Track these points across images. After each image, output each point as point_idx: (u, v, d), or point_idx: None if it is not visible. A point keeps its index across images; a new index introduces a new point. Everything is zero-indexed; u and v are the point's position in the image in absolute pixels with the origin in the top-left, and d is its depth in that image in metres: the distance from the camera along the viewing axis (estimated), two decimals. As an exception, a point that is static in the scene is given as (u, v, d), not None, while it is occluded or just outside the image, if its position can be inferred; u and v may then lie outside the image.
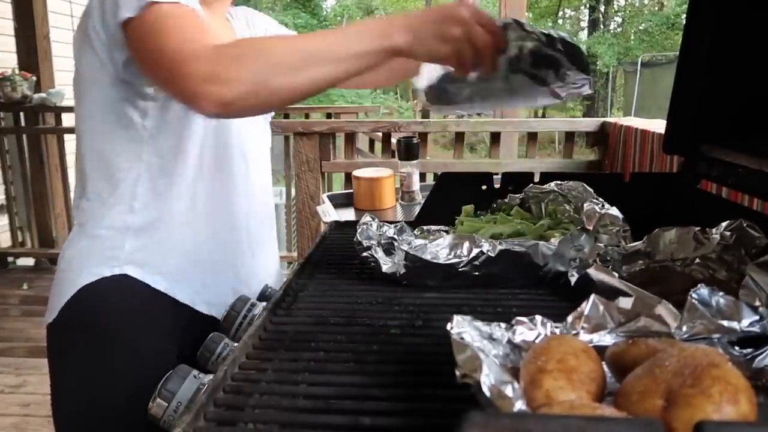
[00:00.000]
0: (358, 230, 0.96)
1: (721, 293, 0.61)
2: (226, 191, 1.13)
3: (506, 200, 1.16)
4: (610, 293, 0.68)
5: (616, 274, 0.76)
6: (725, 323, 0.59)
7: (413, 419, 0.54)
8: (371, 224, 0.98)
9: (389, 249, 0.94)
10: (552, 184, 1.10)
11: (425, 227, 1.09)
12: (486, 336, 0.59)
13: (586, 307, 0.64)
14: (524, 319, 0.63)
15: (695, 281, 0.81)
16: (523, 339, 0.61)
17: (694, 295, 0.61)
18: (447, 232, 1.08)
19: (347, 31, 0.92)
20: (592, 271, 0.78)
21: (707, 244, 0.84)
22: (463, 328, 0.59)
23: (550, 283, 0.90)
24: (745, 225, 0.83)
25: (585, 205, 0.96)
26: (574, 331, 0.63)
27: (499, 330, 0.61)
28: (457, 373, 0.53)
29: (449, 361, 0.54)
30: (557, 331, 0.63)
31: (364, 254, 0.95)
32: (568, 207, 1.05)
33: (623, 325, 0.63)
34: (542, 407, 0.49)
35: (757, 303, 0.61)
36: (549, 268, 0.90)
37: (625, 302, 0.64)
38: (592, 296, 0.64)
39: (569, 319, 0.64)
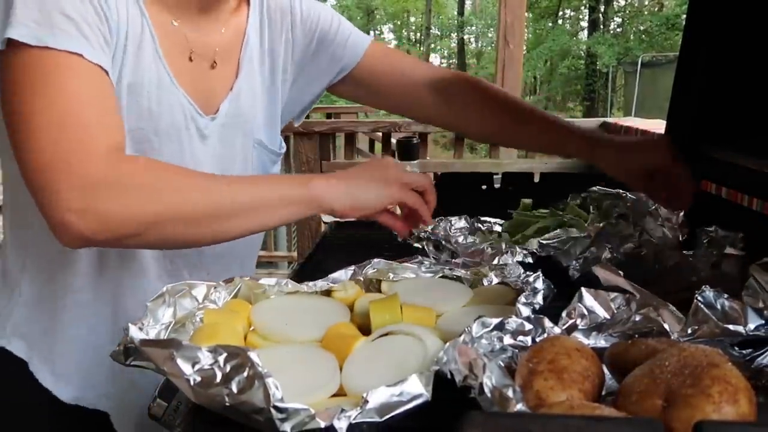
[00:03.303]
0: None
1: (725, 296, 0.61)
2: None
3: (568, 200, 1.16)
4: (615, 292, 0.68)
5: (621, 273, 0.76)
6: (731, 327, 0.59)
7: (413, 420, 0.54)
8: None
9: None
10: (619, 189, 1.10)
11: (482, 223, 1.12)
12: (489, 337, 0.59)
13: (576, 302, 0.64)
14: (526, 320, 0.63)
15: (696, 277, 0.81)
16: (525, 340, 0.61)
17: (699, 298, 0.61)
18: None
19: (267, 180, 0.86)
20: (597, 269, 0.78)
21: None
22: (465, 329, 0.59)
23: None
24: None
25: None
26: (574, 329, 0.63)
27: (501, 331, 0.61)
28: (458, 376, 0.53)
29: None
30: (557, 331, 0.63)
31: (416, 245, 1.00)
32: (625, 209, 1.04)
33: (623, 324, 0.63)
34: (535, 408, 0.49)
35: (761, 305, 0.61)
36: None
37: (622, 299, 0.65)
38: (582, 290, 0.64)
39: (563, 314, 0.64)
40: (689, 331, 0.60)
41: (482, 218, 1.12)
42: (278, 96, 1.05)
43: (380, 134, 3.61)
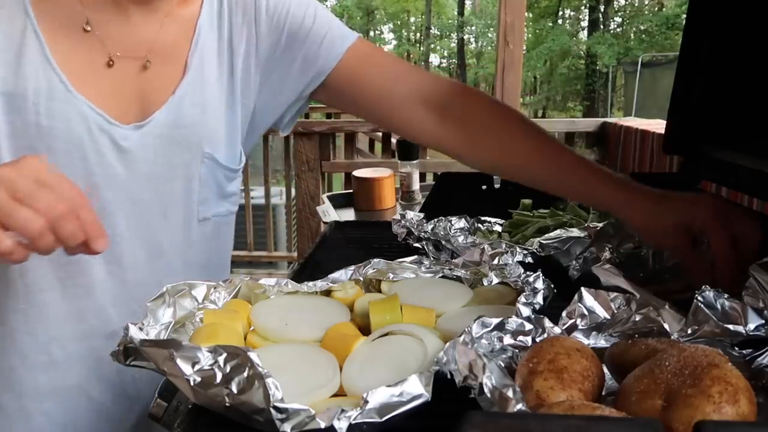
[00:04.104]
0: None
1: (725, 296, 0.61)
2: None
3: (568, 200, 1.16)
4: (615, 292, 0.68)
5: (621, 273, 0.76)
6: (731, 327, 0.59)
7: (413, 420, 0.54)
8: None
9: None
10: None
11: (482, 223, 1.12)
12: (489, 337, 0.59)
13: (576, 302, 0.64)
14: (526, 320, 0.63)
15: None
16: (525, 340, 0.61)
17: (699, 298, 0.61)
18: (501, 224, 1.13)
19: None
20: (597, 269, 0.78)
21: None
22: (465, 329, 0.59)
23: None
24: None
25: None
26: (574, 329, 0.63)
27: (501, 331, 0.61)
28: (458, 376, 0.53)
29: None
30: (557, 331, 0.63)
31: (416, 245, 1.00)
32: None
33: (623, 324, 0.63)
34: (535, 408, 0.49)
35: (761, 305, 0.61)
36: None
37: (622, 299, 0.65)
38: (582, 290, 0.64)
39: (563, 314, 0.64)
40: (689, 331, 0.60)
41: (482, 218, 1.12)
42: (238, 103, 0.91)
43: (380, 134, 3.62)
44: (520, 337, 0.61)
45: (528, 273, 0.77)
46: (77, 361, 0.85)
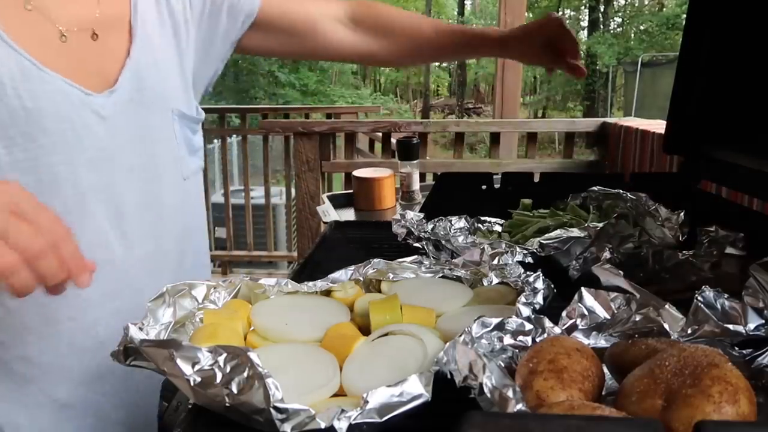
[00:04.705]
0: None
1: (725, 296, 0.61)
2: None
3: (568, 200, 1.16)
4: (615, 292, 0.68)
5: (621, 273, 0.76)
6: (731, 327, 0.59)
7: (413, 420, 0.54)
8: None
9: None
10: (619, 190, 1.09)
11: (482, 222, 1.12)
12: (489, 337, 0.59)
13: (576, 302, 0.64)
14: (526, 320, 0.63)
15: (696, 277, 0.81)
16: (525, 340, 0.61)
17: (699, 298, 0.61)
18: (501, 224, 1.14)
19: None
20: (597, 269, 0.78)
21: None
22: (465, 329, 0.59)
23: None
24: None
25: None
26: (574, 329, 0.63)
27: (501, 331, 0.61)
28: (458, 376, 0.53)
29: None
30: (557, 331, 0.63)
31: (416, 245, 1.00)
32: (625, 209, 1.04)
33: (623, 324, 0.63)
34: (535, 408, 0.49)
35: (761, 305, 0.61)
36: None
37: (622, 299, 0.65)
38: (582, 290, 0.64)
39: (563, 314, 0.64)
40: (689, 331, 0.60)
41: (482, 218, 1.12)
42: (185, 56, 0.96)
43: (380, 134, 3.61)
44: (520, 337, 0.61)
45: (528, 273, 0.77)
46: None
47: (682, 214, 0.96)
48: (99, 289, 0.80)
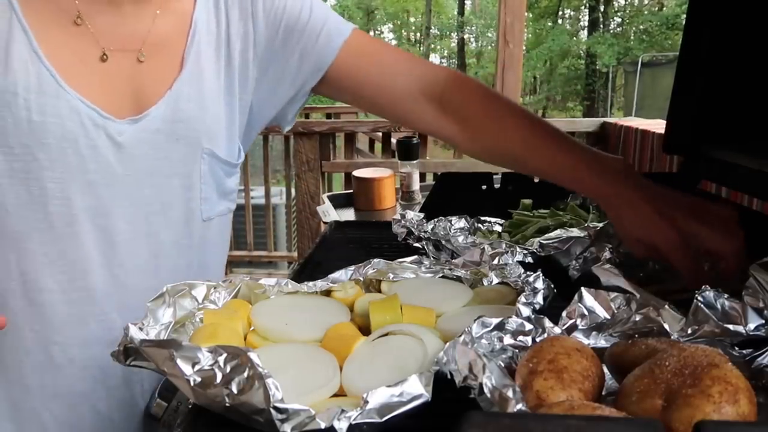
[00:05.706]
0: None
1: (725, 296, 0.61)
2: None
3: (568, 200, 1.16)
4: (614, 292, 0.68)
5: (621, 273, 0.76)
6: (731, 327, 0.59)
7: (413, 420, 0.54)
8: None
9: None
10: None
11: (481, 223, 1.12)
12: (489, 337, 0.59)
13: (576, 302, 0.64)
14: (526, 320, 0.63)
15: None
16: (525, 340, 0.61)
17: (699, 298, 0.61)
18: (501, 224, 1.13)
19: None
20: (597, 269, 0.78)
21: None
22: (465, 329, 0.59)
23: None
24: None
25: None
26: (574, 329, 0.63)
27: (501, 331, 0.61)
28: (458, 376, 0.53)
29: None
30: (557, 331, 0.63)
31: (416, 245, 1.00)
32: None
33: (623, 324, 0.63)
34: (535, 408, 0.49)
35: (761, 305, 0.61)
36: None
37: (622, 299, 0.65)
38: (582, 290, 0.64)
39: (563, 314, 0.64)
40: (689, 331, 0.60)
41: (482, 218, 1.12)
42: (236, 98, 0.91)
43: (380, 134, 3.62)
44: (520, 337, 0.61)
45: (528, 273, 0.77)
46: (80, 368, 0.84)
47: None
48: (71, 311, 0.82)
